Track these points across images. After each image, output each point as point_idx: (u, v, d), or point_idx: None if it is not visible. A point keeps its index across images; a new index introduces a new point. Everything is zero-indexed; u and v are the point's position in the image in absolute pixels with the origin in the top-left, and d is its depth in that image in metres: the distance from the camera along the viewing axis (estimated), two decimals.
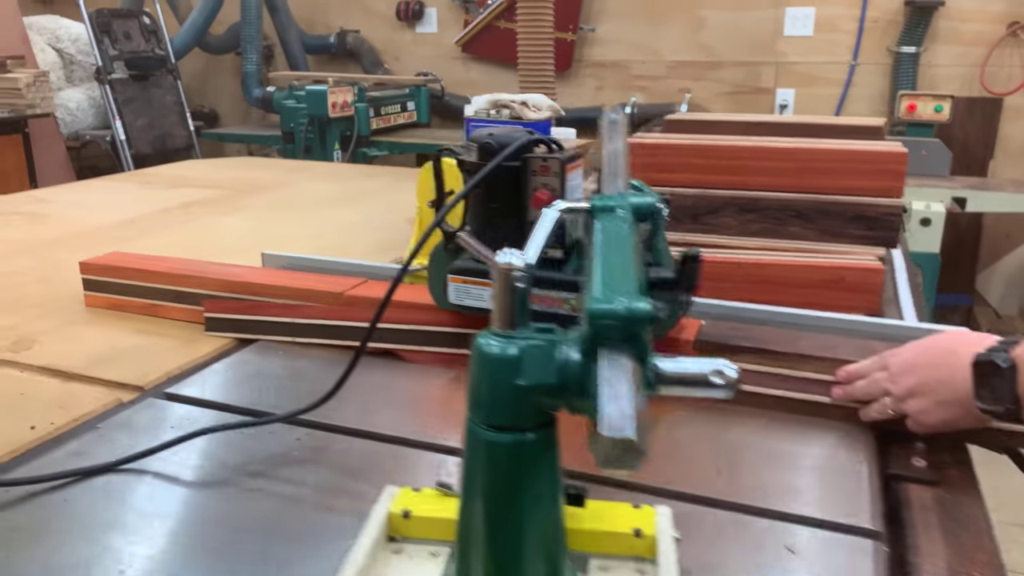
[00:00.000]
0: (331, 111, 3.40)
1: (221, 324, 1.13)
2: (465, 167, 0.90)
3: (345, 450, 0.82)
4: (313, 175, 2.47)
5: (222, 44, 4.78)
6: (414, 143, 3.78)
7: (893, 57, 3.82)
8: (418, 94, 4.16)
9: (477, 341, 0.51)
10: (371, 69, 4.62)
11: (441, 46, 4.59)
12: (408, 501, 0.64)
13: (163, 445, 0.79)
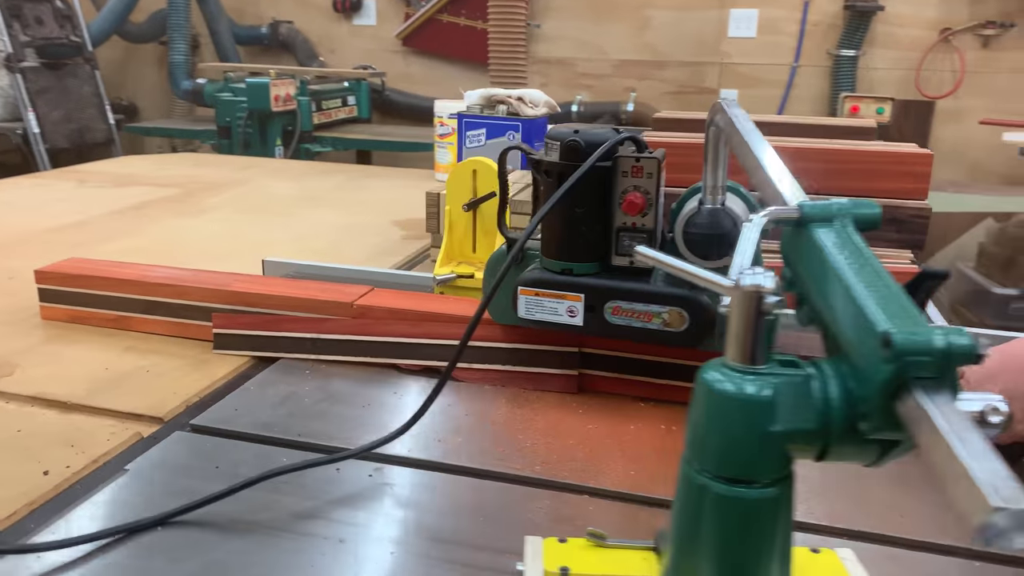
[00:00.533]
0: (274, 105, 3.22)
1: (234, 341, 1.01)
2: (543, 168, 0.81)
3: (429, 487, 0.72)
4: (266, 172, 2.32)
5: (143, 33, 4.50)
6: (359, 139, 3.64)
7: (833, 60, 3.91)
8: (358, 88, 4.01)
9: (707, 377, 0.43)
10: (306, 62, 4.44)
11: (380, 39, 4.45)
12: (559, 555, 0.55)
13: (226, 492, 0.67)
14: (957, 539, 0.66)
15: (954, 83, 3.81)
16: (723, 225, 0.76)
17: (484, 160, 1.07)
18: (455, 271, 1.06)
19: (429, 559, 0.62)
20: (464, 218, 1.10)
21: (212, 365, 0.97)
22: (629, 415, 0.86)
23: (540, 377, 0.92)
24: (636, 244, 0.77)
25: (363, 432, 0.81)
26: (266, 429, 0.82)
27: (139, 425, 0.83)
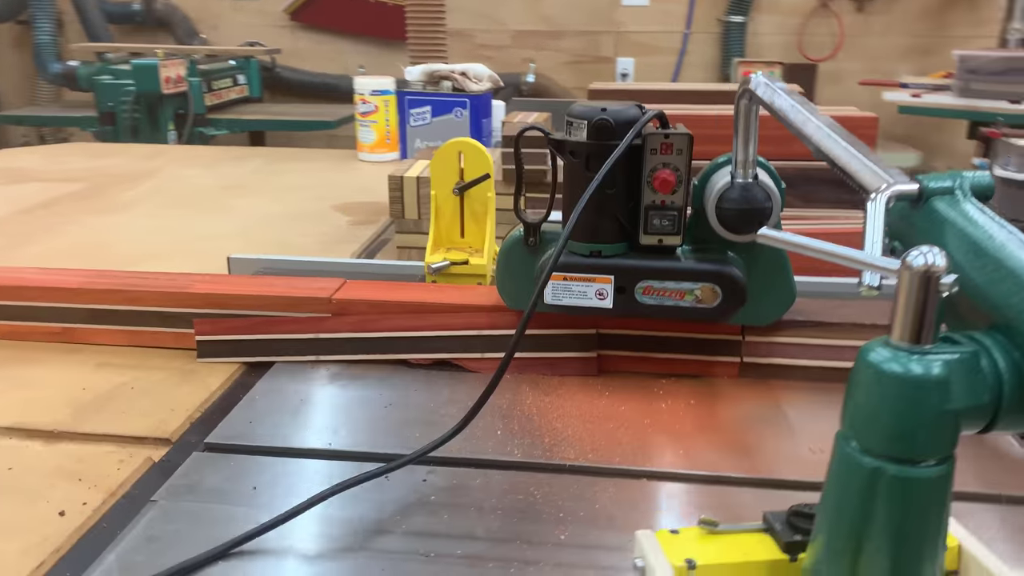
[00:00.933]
0: (164, 87, 3.01)
1: (220, 348, 0.93)
2: (568, 149, 0.79)
3: (493, 486, 0.70)
4: (174, 160, 2.17)
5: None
6: (256, 120, 3.47)
7: (723, 26, 4.02)
8: (248, 67, 3.81)
9: (873, 358, 0.42)
10: (185, 40, 4.17)
11: (265, 14, 4.24)
12: (677, 547, 0.54)
13: (293, 512, 0.62)
14: None
15: (834, 46, 4.01)
16: (758, 199, 0.76)
17: (469, 141, 1.03)
18: (447, 258, 1.02)
19: (531, 566, 0.60)
20: (451, 202, 1.06)
21: (200, 375, 0.90)
22: (655, 393, 0.86)
23: (558, 362, 0.91)
24: (665, 222, 0.77)
25: (396, 434, 0.78)
26: (291, 441, 0.77)
27: (145, 449, 0.76)
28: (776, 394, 0.86)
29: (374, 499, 0.67)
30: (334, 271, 1.08)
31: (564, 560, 0.60)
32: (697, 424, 0.80)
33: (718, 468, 0.73)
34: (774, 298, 0.84)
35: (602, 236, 0.80)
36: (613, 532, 0.64)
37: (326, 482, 0.69)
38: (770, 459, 0.74)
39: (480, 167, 1.03)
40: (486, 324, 0.91)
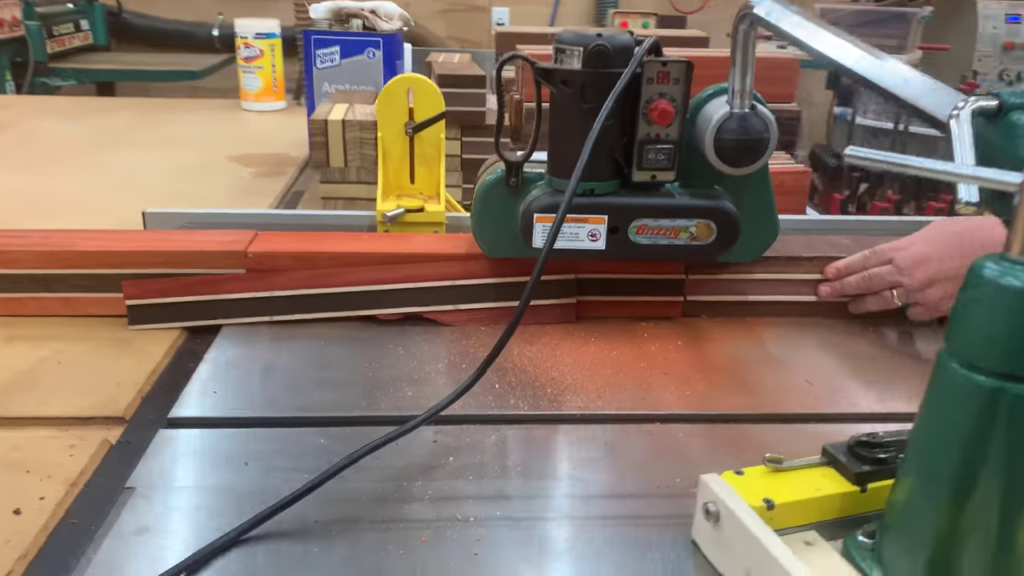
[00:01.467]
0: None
1: (156, 312, 0.82)
2: (560, 77, 0.73)
3: (510, 443, 0.65)
4: (30, 113, 1.93)
5: None
6: (110, 69, 3.14)
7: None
8: (91, 11, 3.44)
9: (988, 272, 0.41)
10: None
11: None
12: (747, 488, 0.51)
13: (302, 491, 0.55)
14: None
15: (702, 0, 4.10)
16: (757, 130, 0.74)
17: (419, 77, 0.95)
18: (400, 205, 0.95)
19: (586, 522, 0.56)
20: (399, 145, 0.98)
21: (138, 344, 0.79)
22: (639, 336, 0.84)
23: (538, 310, 0.86)
24: (661, 156, 0.73)
25: (385, 395, 0.71)
26: (269, 409, 0.68)
27: (96, 430, 0.66)
28: (756, 332, 0.86)
29: (388, 466, 0.61)
30: (270, 223, 0.98)
31: (618, 512, 0.57)
32: (692, 365, 0.78)
33: (727, 407, 0.71)
34: (759, 234, 0.83)
35: (595, 173, 0.76)
36: (653, 480, 0.61)
37: (324, 452, 0.62)
38: (773, 394, 0.73)
39: (432, 106, 0.96)
40: (459, 273, 0.85)
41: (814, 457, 0.55)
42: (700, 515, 0.53)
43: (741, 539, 0.49)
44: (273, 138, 1.74)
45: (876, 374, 0.78)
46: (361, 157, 1.19)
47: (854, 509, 0.52)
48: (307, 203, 1.29)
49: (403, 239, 0.89)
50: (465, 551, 0.53)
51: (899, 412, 0.71)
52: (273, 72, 2.01)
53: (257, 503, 0.55)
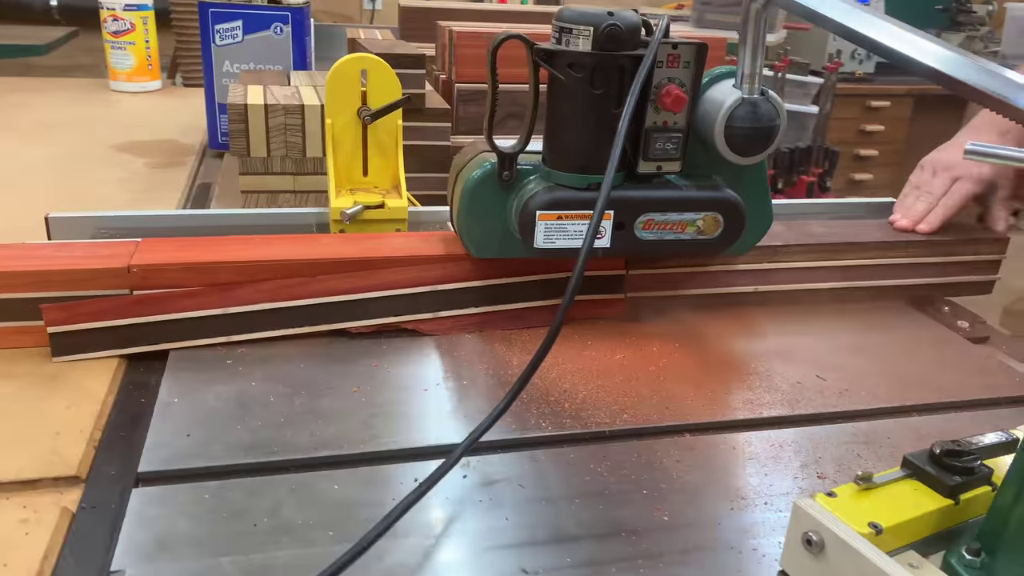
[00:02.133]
0: None
1: (88, 339, 0.70)
2: (567, 60, 0.66)
3: (547, 471, 0.58)
4: None
5: None
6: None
7: None
8: None
9: None
10: None
11: None
12: (848, 511, 0.47)
13: (359, 550, 0.46)
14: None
15: None
16: (769, 117, 0.70)
17: (373, 57, 0.85)
18: (358, 201, 0.85)
19: (659, 562, 0.50)
20: (351, 134, 0.87)
21: (70, 380, 0.67)
22: (635, 336, 0.79)
23: (523, 313, 0.80)
24: (669, 145, 0.69)
25: (389, 423, 0.62)
26: (262, 452, 0.58)
27: (45, 495, 0.54)
28: (748, 324, 0.83)
29: (423, 514, 0.53)
30: (201, 226, 0.86)
31: (688, 545, 0.52)
32: (702, 366, 0.74)
33: (754, 411, 0.68)
34: (754, 223, 0.80)
35: (600, 165, 0.69)
36: (711, 502, 0.56)
37: (343, 502, 0.54)
38: (793, 392, 0.71)
39: (388, 90, 0.86)
40: (440, 277, 0.77)
41: (896, 470, 0.52)
42: (796, 544, 0.48)
43: (858, 573, 0.45)
44: (157, 123, 1.56)
45: (882, 362, 0.77)
46: (286, 145, 1.08)
47: (947, 523, 0.50)
48: (222, 198, 1.15)
49: (369, 241, 0.80)
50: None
51: (918, 404, 0.70)
52: (147, 48, 1.81)
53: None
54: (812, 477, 0.59)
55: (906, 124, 3.62)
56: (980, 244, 0.92)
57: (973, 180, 0.91)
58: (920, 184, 0.94)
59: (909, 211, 0.92)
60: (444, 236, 0.81)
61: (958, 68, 0.53)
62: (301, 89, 1.16)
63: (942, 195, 0.91)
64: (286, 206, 1.11)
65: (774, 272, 0.86)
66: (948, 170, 0.93)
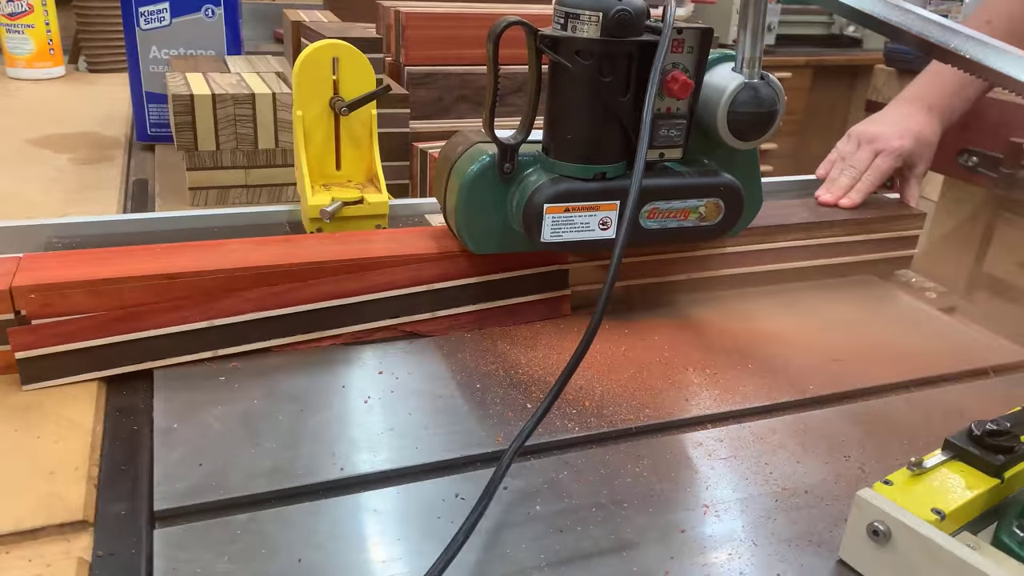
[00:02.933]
0: None
1: (61, 364, 0.63)
2: (574, 47, 0.63)
3: (586, 474, 0.56)
4: None
5: None
6: None
7: None
8: None
9: None
10: None
11: None
12: (907, 498, 0.48)
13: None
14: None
15: None
16: (770, 101, 0.70)
17: (344, 44, 0.81)
18: (336, 197, 0.80)
19: (720, 557, 0.49)
20: (323, 126, 0.82)
21: (48, 410, 0.60)
22: (631, 327, 0.78)
23: (522, 308, 0.77)
24: (673, 132, 0.68)
25: (412, 435, 0.59)
26: (282, 477, 0.54)
27: (53, 544, 0.48)
28: (739, 308, 0.83)
29: (490, 530, 0.50)
30: (168, 230, 0.80)
31: (746, 541, 0.51)
32: (707, 355, 0.74)
33: (768, 396, 0.68)
34: (748, 206, 0.80)
35: (607, 155, 0.68)
36: (755, 496, 0.56)
37: (388, 525, 0.50)
38: (798, 375, 0.71)
39: (361, 78, 0.82)
40: (435, 276, 0.74)
41: (938, 453, 0.53)
42: (858, 534, 0.48)
43: (931, 562, 0.45)
44: (70, 114, 1.45)
45: (871, 338, 0.78)
46: (236, 137, 1.02)
47: (993, 501, 0.51)
48: (164, 195, 1.08)
49: (358, 241, 0.76)
50: None
51: (914, 379, 0.72)
52: (48, 31, 1.67)
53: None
54: (841, 460, 0.60)
55: (806, 94, 3.74)
56: (900, 220, 0.93)
57: (893, 155, 0.96)
58: (845, 155, 0.99)
59: (833, 185, 0.96)
60: (433, 232, 0.78)
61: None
62: (245, 76, 1.10)
63: (865, 170, 0.95)
64: (238, 202, 1.05)
65: (761, 253, 0.86)
66: (871, 143, 0.97)
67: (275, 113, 1.02)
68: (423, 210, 0.91)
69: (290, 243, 0.74)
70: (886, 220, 0.92)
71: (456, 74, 1.24)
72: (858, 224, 0.91)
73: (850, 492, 0.56)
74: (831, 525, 0.53)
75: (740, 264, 0.86)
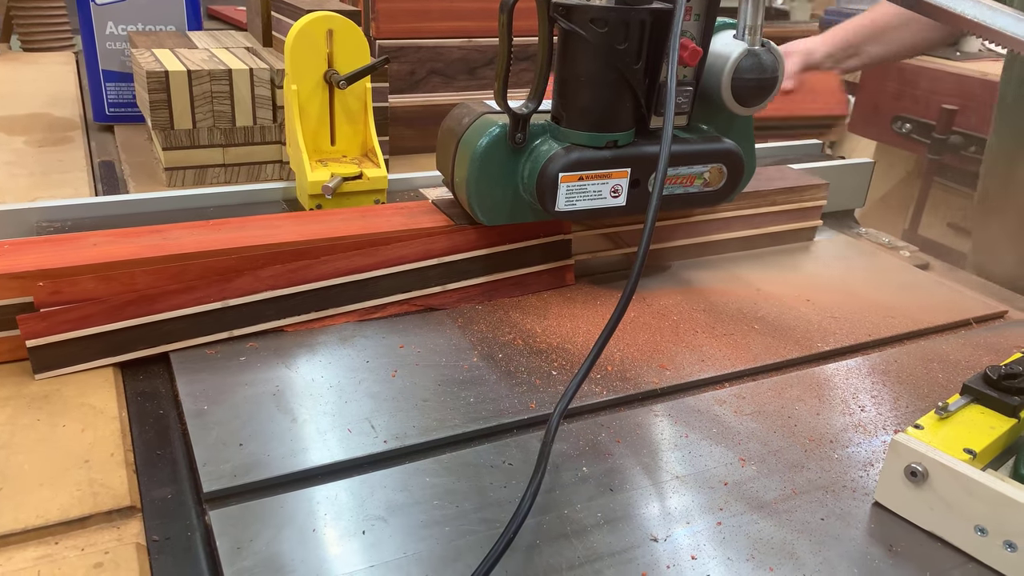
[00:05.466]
0: None
1: (74, 351, 0.61)
2: (589, 15, 0.64)
3: (630, 434, 0.57)
4: None
5: None
6: None
7: None
8: None
9: None
10: None
11: None
12: (940, 441, 0.51)
13: (506, 541, 0.44)
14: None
15: None
16: (772, 68, 0.71)
17: (337, 16, 0.79)
18: (335, 173, 0.79)
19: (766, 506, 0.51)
20: (317, 101, 0.81)
21: (67, 399, 0.59)
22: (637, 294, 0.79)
23: (523, 280, 0.78)
24: (681, 99, 0.69)
25: (446, 405, 0.60)
26: (325, 453, 0.54)
27: (103, 533, 0.47)
28: (735, 272, 0.86)
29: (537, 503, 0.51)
30: (161, 210, 0.78)
31: (785, 491, 0.53)
32: (714, 316, 0.76)
33: (778, 354, 0.70)
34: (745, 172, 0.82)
35: (618, 123, 0.69)
36: (786, 448, 0.58)
37: (451, 490, 0.51)
38: (801, 333, 0.74)
39: (356, 52, 0.81)
40: (445, 249, 0.74)
41: (958, 397, 0.56)
42: (894, 476, 0.51)
43: (968, 496, 0.48)
44: (16, 94, 1.38)
45: (860, 295, 0.82)
46: (214, 115, 0.99)
47: (1011, 439, 0.54)
48: (137, 177, 1.04)
49: (364, 216, 0.75)
50: (693, 570, 0.46)
51: (908, 332, 0.76)
52: None
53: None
54: (857, 411, 0.63)
55: None
56: (803, 192, 0.92)
57: (800, 54, 1.16)
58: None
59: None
60: (429, 205, 0.78)
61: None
62: (215, 52, 1.07)
63: None
64: (215, 182, 1.02)
65: (751, 218, 0.89)
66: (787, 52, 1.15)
67: (252, 89, 0.99)
68: (418, 184, 0.90)
69: (299, 220, 0.73)
70: (786, 192, 0.91)
71: (428, 47, 1.23)
72: (759, 196, 0.90)
73: (871, 440, 0.59)
74: (860, 471, 0.56)
75: (728, 230, 0.88)
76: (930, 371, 0.70)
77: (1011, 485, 0.48)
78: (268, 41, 1.14)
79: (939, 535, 0.50)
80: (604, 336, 0.55)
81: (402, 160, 1.19)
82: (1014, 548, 0.47)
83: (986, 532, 0.48)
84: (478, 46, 1.26)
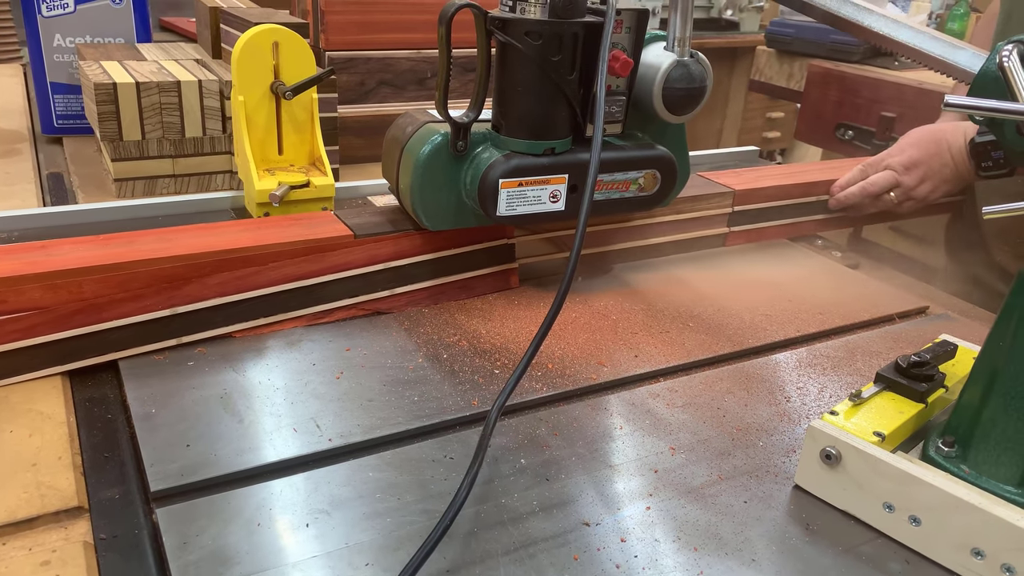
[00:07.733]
0: None
1: (20, 360, 0.62)
2: (523, 28, 0.67)
3: (567, 427, 0.60)
4: None
5: None
6: None
7: None
8: None
9: None
10: None
11: None
12: (852, 426, 0.54)
13: (441, 531, 0.46)
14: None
15: None
16: (700, 77, 0.75)
17: (283, 28, 0.81)
18: (282, 181, 0.81)
19: (700, 493, 0.54)
20: (264, 111, 0.83)
21: (15, 406, 0.60)
22: (576, 295, 0.83)
23: (468, 283, 0.80)
24: (615, 108, 0.73)
25: (390, 404, 0.62)
26: (269, 451, 0.56)
27: (51, 532, 0.49)
28: (673, 274, 0.89)
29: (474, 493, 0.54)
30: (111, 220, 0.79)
31: (710, 477, 0.56)
32: (652, 316, 0.79)
33: (710, 350, 0.74)
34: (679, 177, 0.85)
35: (556, 131, 0.72)
36: (713, 437, 0.61)
37: (393, 485, 0.53)
38: (734, 330, 0.78)
39: (302, 64, 0.83)
40: (391, 254, 0.76)
41: (871, 386, 0.59)
42: (811, 460, 0.54)
43: (876, 476, 0.51)
44: None
45: (791, 294, 0.86)
46: (163, 126, 1.00)
47: (919, 423, 0.58)
48: (86, 189, 1.04)
49: (309, 223, 0.77)
50: (621, 552, 0.49)
51: (835, 327, 0.80)
52: None
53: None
54: (782, 401, 0.66)
55: None
56: (710, 199, 0.93)
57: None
58: (874, 163, 1.02)
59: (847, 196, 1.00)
60: (383, 210, 0.80)
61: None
62: (164, 64, 1.08)
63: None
64: (166, 192, 1.03)
65: (692, 221, 0.92)
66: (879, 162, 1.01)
67: (201, 100, 1.00)
68: (365, 192, 0.92)
69: (246, 228, 0.74)
70: (692, 200, 0.93)
71: (377, 58, 1.25)
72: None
73: (794, 428, 0.62)
74: (782, 457, 0.59)
75: (669, 232, 0.92)
76: (853, 363, 0.74)
77: (914, 464, 0.51)
78: (218, 53, 1.15)
79: (852, 513, 0.54)
80: (540, 334, 0.58)
81: (353, 169, 1.20)
82: (918, 523, 0.51)
83: (893, 509, 0.51)
84: (427, 57, 1.28)
